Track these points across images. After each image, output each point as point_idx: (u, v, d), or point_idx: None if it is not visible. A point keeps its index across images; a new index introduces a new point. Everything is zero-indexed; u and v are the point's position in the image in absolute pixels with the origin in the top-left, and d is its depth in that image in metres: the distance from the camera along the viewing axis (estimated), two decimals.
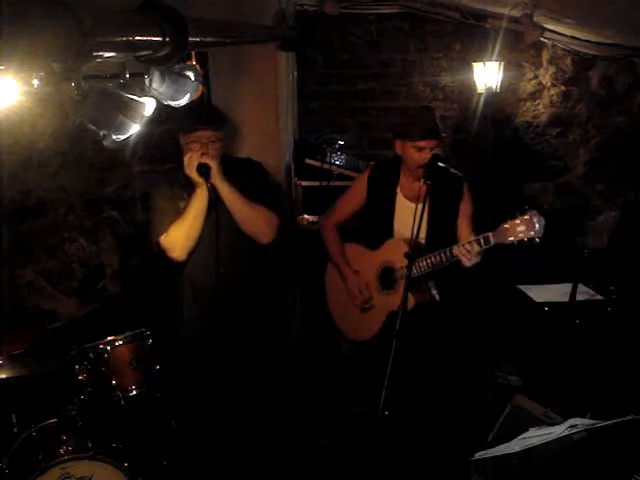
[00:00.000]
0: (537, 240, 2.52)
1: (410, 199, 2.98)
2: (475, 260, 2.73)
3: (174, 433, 3.10)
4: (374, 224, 3.10)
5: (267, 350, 2.95)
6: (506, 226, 2.57)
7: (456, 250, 2.73)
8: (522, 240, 2.53)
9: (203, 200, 2.73)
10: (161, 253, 2.84)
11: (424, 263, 2.85)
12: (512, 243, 2.56)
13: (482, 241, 2.66)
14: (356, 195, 3.16)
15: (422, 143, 2.82)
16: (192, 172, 2.68)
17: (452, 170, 3.07)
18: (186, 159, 2.71)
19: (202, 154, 2.69)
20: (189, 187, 2.78)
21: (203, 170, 2.67)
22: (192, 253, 2.85)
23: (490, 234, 2.64)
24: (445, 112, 5.02)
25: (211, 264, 2.70)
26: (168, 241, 2.81)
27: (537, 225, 2.51)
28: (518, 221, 2.54)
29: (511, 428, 2.60)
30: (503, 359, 3.96)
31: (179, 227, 2.78)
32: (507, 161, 4.83)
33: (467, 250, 2.69)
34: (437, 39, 4.95)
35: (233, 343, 2.86)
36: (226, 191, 2.73)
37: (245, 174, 2.89)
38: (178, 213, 2.79)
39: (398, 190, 3.03)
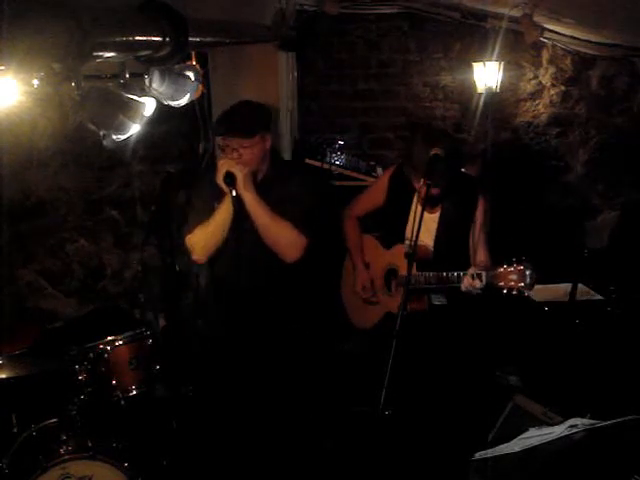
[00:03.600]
0: (526, 294, 2.52)
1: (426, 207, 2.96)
2: (473, 291, 2.70)
3: (174, 433, 3.11)
4: (389, 224, 3.10)
5: (271, 352, 2.94)
6: (500, 270, 2.57)
7: (460, 277, 2.72)
8: (511, 288, 2.53)
9: (229, 209, 2.67)
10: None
11: (422, 278, 2.83)
12: (502, 289, 2.56)
13: (475, 277, 2.66)
14: (376, 193, 3.16)
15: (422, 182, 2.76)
16: (219, 180, 2.63)
17: (470, 177, 3.04)
18: (218, 165, 2.66)
19: (236, 162, 2.63)
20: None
21: (228, 180, 2.61)
22: (215, 258, 2.82)
23: (483, 273, 2.64)
24: (445, 112, 5.02)
25: (232, 274, 2.70)
26: (192, 241, 2.80)
27: (528, 279, 2.50)
28: (512, 269, 2.53)
29: (511, 428, 2.60)
30: (503, 359, 3.96)
31: (203, 230, 2.76)
32: (507, 161, 4.83)
33: (466, 281, 2.69)
34: (437, 39, 4.95)
35: (241, 348, 2.86)
36: (250, 202, 2.64)
37: (285, 183, 2.79)
38: (211, 213, 2.76)
39: (415, 195, 3.02)
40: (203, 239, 2.77)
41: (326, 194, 3.35)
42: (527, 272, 2.50)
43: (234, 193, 2.61)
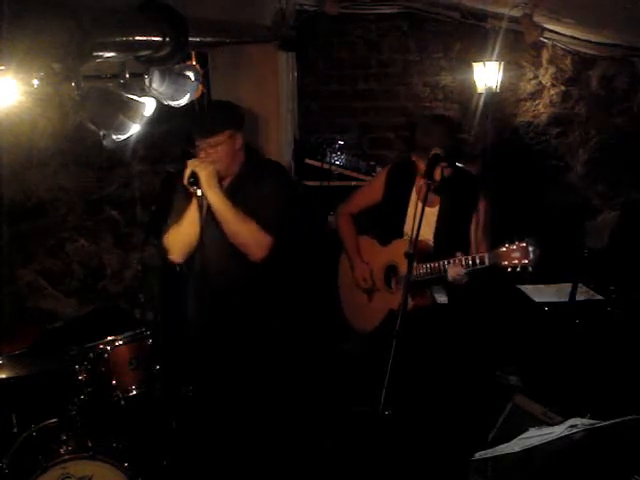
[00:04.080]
0: (530, 269, 2.54)
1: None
2: (464, 278, 2.72)
3: (174, 433, 3.11)
4: (387, 221, 3.11)
5: (267, 352, 2.94)
6: (502, 250, 2.59)
7: (448, 264, 2.74)
8: (515, 266, 2.56)
9: (195, 211, 2.68)
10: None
11: (423, 270, 2.85)
12: (506, 268, 2.58)
13: (477, 260, 2.68)
14: (373, 190, 3.18)
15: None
16: (185, 180, 2.66)
17: (468, 172, 3.05)
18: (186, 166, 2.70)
19: (201, 161, 2.67)
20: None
21: (192, 179, 2.64)
22: (192, 258, 2.84)
23: (486, 255, 2.66)
24: (445, 112, 5.02)
25: (204, 274, 2.71)
26: (168, 242, 2.84)
27: (532, 254, 2.53)
28: (514, 247, 2.56)
29: (511, 428, 2.60)
30: (503, 359, 3.96)
31: (176, 230, 2.79)
32: (507, 161, 4.83)
33: (452, 269, 2.71)
34: (437, 39, 4.96)
35: (228, 348, 2.85)
36: (214, 201, 2.66)
37: (257, 183, 2.80)
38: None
39: (413, 191, 3.03)
40: (179, 239, 2.80)
41: (298, 196, 3.36)
42: (530, 248, 2.53)
43: (199, 193, 2.63)
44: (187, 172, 2.65)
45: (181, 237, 2.79)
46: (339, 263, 3.40)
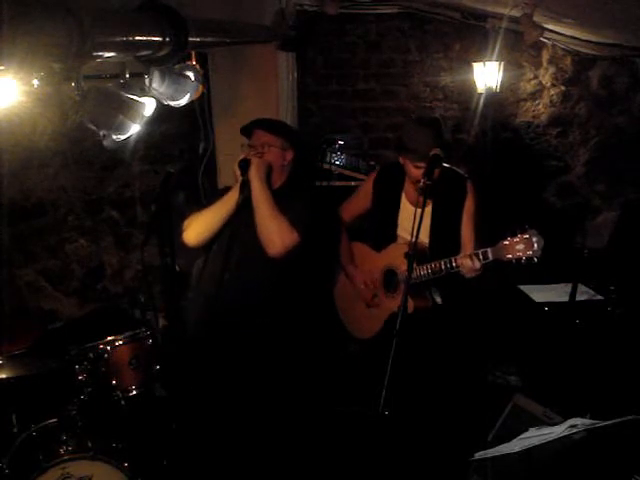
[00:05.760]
0: (535, 260, 2.53)
1: (414, 204, 2.96)
2: (475, 273, 2.73)
3: (174, 433, 3.10)
4: (379, 227, 3.11)
5: (268, 352, 2.94)
6: (505, 243, 2.58)
7: (455, 262, 2.75)
8: (520, 258, 2.55)
9: (234, 196, 2.77)
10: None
11: (424, 270, 2.85)
12: (510, 260, 2.57)
13: (480, 256, 2.68)
14: (362, 198, 3.19)
15: (420, 164, 2.80)
16: (235, 164, 2.78)
17: (457, 171, 3.06)
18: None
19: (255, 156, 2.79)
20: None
21: (242, 164, 2.75)
22: (207, 246, 2.90)
23: (489, 249, 2.66)
24: (445, 112, 5.02)
25: (218, 268, 2.72)
26: (188, 222, 2.90)
27: (536, 245, 2.52)
28: (517, 239, 2.55)
29: (511, 428, 2.60)
30: (503, 359, 3.96)
31: (202, 212, 2.87)
32: (507, 161, 4.83)
33: (466, 263, 2.70)
34: (437, 39, 4.95)
35: (232, 346, 2.85)
36: (257, 188, 2.74)
37: (292, 201, 2.86)
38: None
39: (403, 195, 3.04)
40: (200, 221, 2.87)
41: (326, 218, 3.41)
42: (534, 239, 2.52)
43: (243, 178, 2.73)
44: (240, 157, 2.78)
45: (204, 219, 2.87)
46: (336, 279, 3.39)
